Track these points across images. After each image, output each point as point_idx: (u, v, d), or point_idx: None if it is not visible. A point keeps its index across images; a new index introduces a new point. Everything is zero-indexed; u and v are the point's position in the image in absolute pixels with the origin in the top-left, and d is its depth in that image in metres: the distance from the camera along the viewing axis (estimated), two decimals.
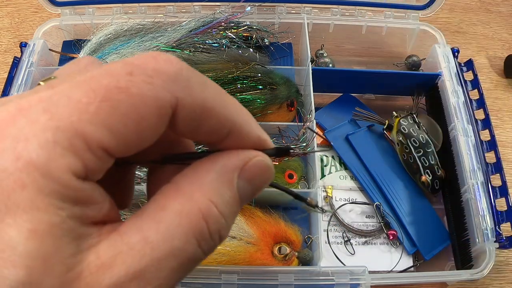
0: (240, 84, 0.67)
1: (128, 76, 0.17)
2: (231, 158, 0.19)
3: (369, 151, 0.69)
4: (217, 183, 0.19)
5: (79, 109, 0.16)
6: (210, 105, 0.18)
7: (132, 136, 0.17)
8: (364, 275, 0.54)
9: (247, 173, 0.19)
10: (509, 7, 0.93)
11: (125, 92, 0.17)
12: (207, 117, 0.19)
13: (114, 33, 0.72)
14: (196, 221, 0.18)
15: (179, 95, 0.18)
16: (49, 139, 0.16)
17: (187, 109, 0.18)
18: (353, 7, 0.78)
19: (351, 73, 0.76)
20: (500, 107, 0.80)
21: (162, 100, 0.17)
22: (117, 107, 0.16)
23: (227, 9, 0.74)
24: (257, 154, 0.20)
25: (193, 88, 0.18)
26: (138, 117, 0.17)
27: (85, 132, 0.16)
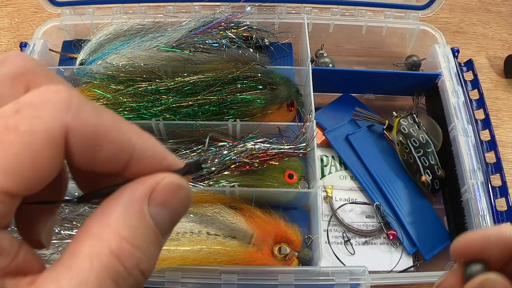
0: (240, 84, 0.67)
1: (15, 114, 0.17)
2: (138, 186, 0.19)
3: (369, 151, 0.69)
4: (126, 216, 0.18)
5: None
6: (104, 129, 0.18)
7: (30, 174, 0.16)
8: (364, 275, 0.54)
9: (158, 198, 0.19)
10: (509, 7, 0.93)
11: (14, 131, 0.16)
12: (103, 142, 0.18)
13: (114, 33, 0.72)
14: (107, 261, 0.17)
15: (69, 122, 0.17)
16: None
17: (79, 135, 0.17)
18: (353, 7, 0.78)
19: (351, 73, 0.76)
20: (500, 107, 0.80)
21: (52, 131, 0.17)
22: (8, 148, 0.16)
23: (227, 9, 0.74)
24: (164, 176, 0.19)
25: (84, 114, 0.18)
26: (32, 153, 0.16)
27: None
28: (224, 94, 0.66)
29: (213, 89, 0.65)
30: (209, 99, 0.65)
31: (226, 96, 0.66)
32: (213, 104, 0.65)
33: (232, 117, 0.66)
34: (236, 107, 0.66)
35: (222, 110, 0.66)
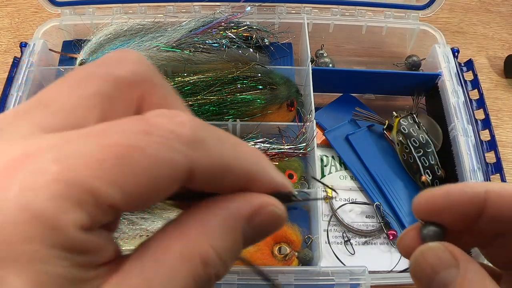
0: (240, 84, 0.67)
1: (144, 136, 0.16)
2: (242, 204, 0.19)
3: (369, 151, 0.69)
4: (223, 229, 0.18)
5: (92, 165, 0.16)
6: (227, 161, 0.18)
7: (142, 196, 0.17)
8: (364, 275, 0.54)
9: (257, 221, 0.19)
10: (509, 7, 0.93)
11: (140, 152, 0.16)
12: (225, 174, 0.18)
13: (114, 33, 0.72)
14: (196, 266, 0.17)
15: (195, 158, 0.17)
16: (58, 192, 0.15)
17: (204, 170, 0.18)
18: (353, 7, 0.78)
19: (351, 73, 0.76)
20: (500, 107, 0.80)
21: (177, 164, 0.17)
22: (132, 167, 0.16)
23: (227, 9, 0.74)
24: (269, 202, 0.19)
25: (209, 149, 0.18)
26: (151, 178, 0.16)
27: (96, 189, 0.16)
28: (224, 94, 0.66)
29: (213, 89, 0.66)
30: (209, 99, 0.65)
31: (226, 96, 0.66)
32: (213, 104, 0.65)
33: (232, 117, 0.66)
34: (236, 107, 0.66)
35: (222, 110, 0.66)
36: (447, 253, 0.22)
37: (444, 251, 0.22)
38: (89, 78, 0.18)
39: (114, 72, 0.18)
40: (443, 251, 0.22)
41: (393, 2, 0.78)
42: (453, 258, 0.22)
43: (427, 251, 0.23)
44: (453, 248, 0.23)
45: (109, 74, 0.18)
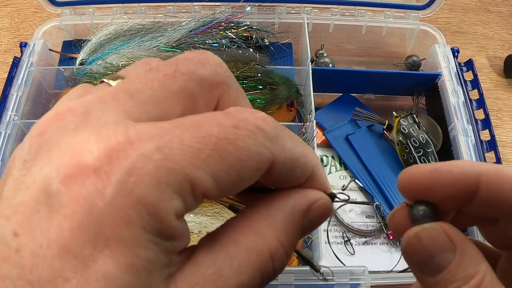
0: (240, 84, 0.67)
1: (234, 129, 0.17)
2: (300, 199, 0.20)
3: (369, 151, 0.69)
4: (286, 223, 0.19)
5: (191, 154, 0.16)
6: (297, 157, 0.19)
7: (230, 185, 0.17)
8: (364, 275, 0.54)
9: (313, 213, 0.20)
10: (509, 7, 0.93)
11: (233, 144, 0.17)
12: (295, 168, 0.20)
13: (114, 33, 0.72)
14: (264, 259, 0.18)
15: (275, 152, 0.18)
16: (161, 179, 0.16)
17: (281, 164, 0.19)
18: (353, 7, 0.78)
19: (351, 73, 0.76)
20: (500, 107, 0.80)
21: (262, 156, 0.18)
22: (225, 158, 0.17)
23: (227, 9, 0.74)
24: (322, 196, 0.21)
25: (285, 145, 0.19)
26: (241, 169, 0.17)
27: (194, 177, 0.16)
28: None
29: None
30: None
31: None
32: None
33: None
34: None
35: None
36: (443, 235, 0.21)
37: (440, 232, 0.21)
38: (175, 74, 0.19)
39: (198, 71, 0.19)
40: (439, 232, 0.21)
41: (393, 2, 0.78)
42: (449, 240, 0.21)
43: (421, 233, 0.21)
44: (450, 229, 0.21)
45: (194, 73, 0.19)
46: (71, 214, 0.15)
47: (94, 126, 0.17)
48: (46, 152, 0.17)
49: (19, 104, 0.65)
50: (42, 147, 0.17)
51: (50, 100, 0.73)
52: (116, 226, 0.15)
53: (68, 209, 0.15)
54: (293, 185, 0.20)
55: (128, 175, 0.15)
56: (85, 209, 0.15)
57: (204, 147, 0.16)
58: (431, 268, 0.21)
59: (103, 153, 0.16)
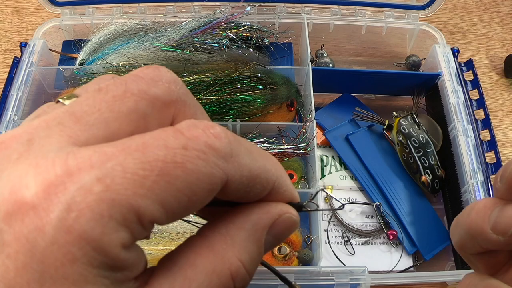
0: (240, 84, 0.67)
1: (183, 150, 0.16)
2: (263, 215, 0.19)
3: (369, 151, 0.69)
4: (248, 242, 0.19)
5: (135, 182, 0.15)
6: (256, 172, 0.19)
7: (180, 210, 0.17)
8: (364, 275, 0.54)
9: (276, 229, 0.20)
10: (509, 7, 0.93)
11: (181, 167, 0.16)
12: (254, 185, 0.19)
13: (114, 33, 0.72)
14: (225, 281, 0.18)
15: (230, 171, 0.17)
16: (103, 212, 0.15)
17: (237, 182, 0.18)
18: (353, 7, 0.78)
19: (351, 73, 0.76)
20: (500, 107, 0.80)
21: (214, 177, 0.17)
22: (173, 183, 0.16)
23: (227, 9, 0.74)
24: (287, 209, 0.20)
25: (242, 162, 0.18)
26: (191, 192, 0.16)
27: (139, 207, 0.15)
28: (224, 94, 0.66)
29: (213, 89, 0.66)
30: (209, 99, 0.65)
31: (226, 96, 0.66)
32: (213, 104, 0.65)
33: (232, 117, 0.66)
34: (236, 107, 0.66)
35: (222, 110, 0.66)
36: None
37: None
38: (125, 94, 0.18)
39: (150, 90, 0.18)
40: None
41: (393, 2, 0.78)
42: None
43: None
44: None
45: (146, 93, 0.18)
46: (14, 254, 0.15)
47: (35, 156, 0.16)
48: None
49: (19, 104, 0.65)
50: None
51: (50, 100, 0.73)
52: (60, 264, 0.15)
53: (11, 248, 0.15)
54: (254, 199, 0.20)
55: (68, 211, 0.15)
56: (27, 248, 0.15)
57: (149, 174, 0.15)
58: None
59: (40, 188, 0.15)
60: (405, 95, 0.77)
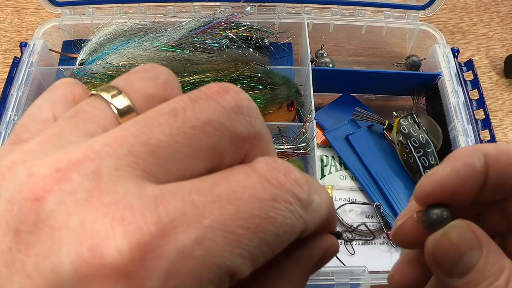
0: (240, 84, 0.67)
1: (274, 203, 0.15)
2: (315, 249, 0.19)
3: (369, 151, 0.69)
4: (301, 277, 0.19)
5: (233, 242, 0.14)
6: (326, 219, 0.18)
7: (263, 260, 0.15)
8: (364, 275, 0.54)
9: (324, 260, 0.20)
10: (509, 7, 0.93)
11: (273, 223, 0.15)
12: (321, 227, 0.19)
13: (114, 33, 0.72)
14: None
15: (308, 221, 0.17)
16: (204, 279, 0.13)
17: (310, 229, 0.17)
18: (353, 7, 0.78)
19: (351, 73, 0.76)
20: (500, 107, 0.80)
21: (297, 228, 0.16)
22: (265, 240, 0.15)
23: (227, 9, 0.74)
24: (332, 241, 0.20)
25: (316, 209, 0.17)
26: (277, 246, 0.15)
27: (234, 267, 0.14)
28: None
29: None
30: None
31: None
32: None
33: None
34: None
35: None
36: (471, 233, 0.21)
37: (467, 230, 0.21)
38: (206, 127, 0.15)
39: (232, 126, 0.16)
40: (467, 230, 0.21)
41: (393, 2, 0.78)
42: (476, 238, 0.21)
43: (450, 232, 0.21)
44: (474, 227, 0.21)
45: (227, 129, 0.16)
46: None
47: (113, 201, 0.13)
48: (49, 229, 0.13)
49: (19, 104, 0.65)
50: (43, 221, 0.13)
51: None
52: None
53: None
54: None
55: (167, 279, 0.13)
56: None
57: (246, 232, 0.14)
58: (461, 268, 0.20)
59: (136, 252, 0.12)
60: (405, 95, 0.77)
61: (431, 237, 0.21)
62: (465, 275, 0.20)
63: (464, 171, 0.21)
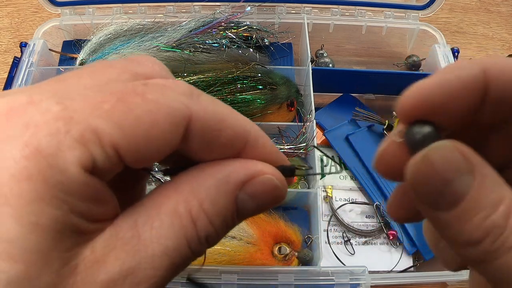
0: (240, 84, 0.67)
1: (143, 86, 0.17)
2: (238, 169, 0.19)
3: (369, 151, 0.69)
4: (215, 191, 0.18)
5: (94, 105, 0.16)
6: (223, 117, 0.18)
7: (144, 142, 0.16)
8: (364, 275, 0.54)
9: (252, 188, 0.19)
10: (509, 7, 0.93)
11: (141, 96, 0.16)
12: (222, 127, 0.18)
13: (114, 33, 0.72)
14: (186, 223, 0.17)
15: (192, 107, 0.17)
16: (60, 128, 0.15)
17: (201, 121, 0.18)
18: (353, 7, 0.78)
19: (351, 73, 0.76)
20: None
21: (176, 109, 0.17)
22: (132, 109, 0.16)
23: (227, 9, 0.74)
24: (267, 171, 0.19)
25: (205, 102, 0.18)
26: (151, 121, 0.16)
27: (97, 126, 0.15)
28: (224, 94, 0.66)
29: (213, 89, 0.65)
30: None
31: (226, 96, 0.66)
32: None
33: None
34: (236, 107, 0.66)
35: None
36: (458, 154, 0.17)
37: (453, 151, 0.17)
38: None
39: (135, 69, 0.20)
40: (453, 151, 0.17)
41: (393, 2, 0.78)
42: (465, 161, 0.17)
43: (431, 154, 0.17)
44: (464, 148, 0.17)
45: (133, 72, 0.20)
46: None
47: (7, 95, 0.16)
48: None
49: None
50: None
51: None
52: (15, 182, 0.14)
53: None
54: (229, 154, 0.19)
55: (26, 128, 0.15)
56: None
57: (108, 99, 0.16)
58: (448, 198, 0.17)
59: (3, 113, 0.15)
60: None
61: (411, 161, 0.17)
62: (453, 206, 0.17)
63: (455, 84, 0.18)
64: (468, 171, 0.17)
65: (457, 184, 0.17)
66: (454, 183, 0.17)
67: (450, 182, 0.17)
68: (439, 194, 0.17)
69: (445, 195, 0.17)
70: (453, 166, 0.17)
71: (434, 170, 0.17)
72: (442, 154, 0.17)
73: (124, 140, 0.16)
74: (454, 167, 0.17)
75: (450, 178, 0.17)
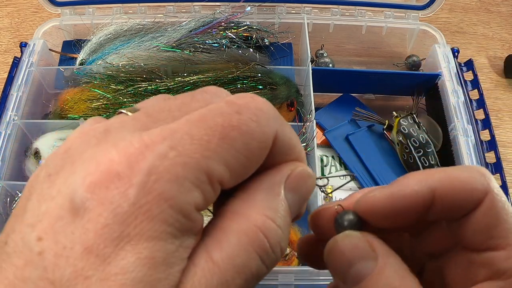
0: (240, 84, 0.67)
1: (237, 115, 0.18)
2: (276, 175, 0.21)
3: (369, 151, 0.69)
4: (268, 199, 0.20)
5: (202, 146, 0.17)
6: (294, 143, 0.21)
7: (241, 169, 0.19)
8: None
9: (291, 183, 0.21)
10: (509, 7, 0.93)
11: (237, 130, 0.18)
12: (290, 153, 0.21)
13: (114, 33, 0.72)
14: (254, 236, 0.19)
15: (278, 127, 0.20)
16: (179, 174, 0.17)
17: (280, 141, 0.20)
18: (353, 7, 0.79)
19: (351, 73, 0.76)
20: (500, 107, 0.80)
21: (265, 134, 0.19)
22: (232, 144, 0.18)
23: (227, 9, 0.74)
24: (297, 165, 0.21)
25: (284, 124, 0.20)
26: (248, 152, 0.18)
27: (208, 168, 0.17)
28: None
29: None
30: None
31: None
32: None
33: None
34: None
35: None
36: (364, 243, 0.21)
37: (361, 240, 0.21)
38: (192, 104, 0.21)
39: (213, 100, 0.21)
40: (360, 240, 0.21)
41: (393, 2, 0.78)
42: (371, 249, 0.20)
43: (342, 239, 0.21)
44: (372, 239, 0.21)
45: None
46: (96, 217, 0.16)
47: (114, 139, 0.18)
48: (70, 165, 0.18)
49: (19, 104, 0.65)
50: (66, 161, 0.18)
51: (50, 100, 0.73)
52: (139, 222, 0.16)
53: (94, 213, 0.16)
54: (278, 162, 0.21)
55: (148, 175, 0.16)
56: (109, 210, 0.16)
57: (212, 138, 0.18)
58: (351, 276, 0.20)
59: (123, 159, 0.17)
60: (405, 95, 0.77)
61: (330, 241, 0.22)
62: (356, 284, 0.20)
63: (401, 202, 0.21)
64: (372, 258, 0.20)
65: (359, 267, 0.20)
66: (357, 265, 0.20)
67: (354, 264, 0.20)
68: (344, 271, 0.21)
69: (349, 274, 0.20)
70: (358, 252, 0.20)
71: (341, 252, 0.21)
72: (349, 241, 0.21)
73: (228, 173, 0.18)
74: (359, 253, 0.20)
75: (354, 261, 0.20)
